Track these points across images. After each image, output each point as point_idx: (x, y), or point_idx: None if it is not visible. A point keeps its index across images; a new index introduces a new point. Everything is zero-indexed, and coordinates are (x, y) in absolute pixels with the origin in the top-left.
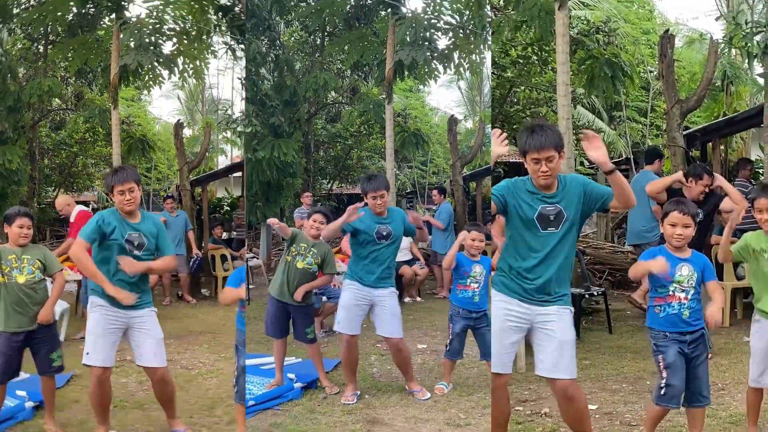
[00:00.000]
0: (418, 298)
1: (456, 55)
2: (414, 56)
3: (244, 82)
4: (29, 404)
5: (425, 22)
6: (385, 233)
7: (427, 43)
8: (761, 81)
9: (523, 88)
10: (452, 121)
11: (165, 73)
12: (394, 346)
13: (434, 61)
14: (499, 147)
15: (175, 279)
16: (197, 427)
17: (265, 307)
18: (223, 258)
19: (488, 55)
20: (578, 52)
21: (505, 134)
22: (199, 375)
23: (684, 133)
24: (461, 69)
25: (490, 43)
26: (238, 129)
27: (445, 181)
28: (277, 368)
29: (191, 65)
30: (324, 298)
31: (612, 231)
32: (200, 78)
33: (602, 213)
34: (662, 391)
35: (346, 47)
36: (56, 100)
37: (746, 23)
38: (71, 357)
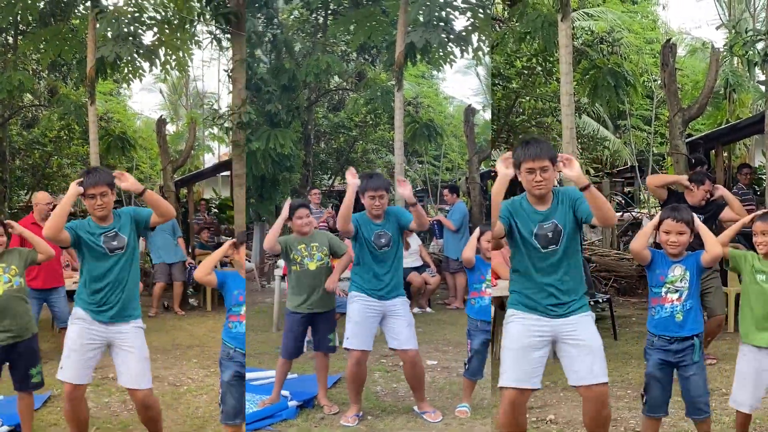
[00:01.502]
0: (429, 309)
1: (475, 38)
2: (427, 38)
3: (230, 74)
4: (3, 429)
5: (441, 0)
6: (384, 241)
7: (442, 23)
8: (763, 88)
9: (528, 98)
10: (469, 112)
11: (146, 65)
12: (410, 360)
13: (450, 44)
14: (506, 169)
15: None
16: None
17: (270, 323)
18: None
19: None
20: (582, 63)
21: (511, 158)
22: (188, 392)
23: (687, 140)
24: (480, 53)
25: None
26: (226, 124)
27: (460, 179)
28: (277, 386)
29: (174, 56)
30: None
31: (618, 238)
32: (184, 70)
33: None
34: (643, 400)
35: (351, 27)
36: (28, 95)
37: (746, 31)
38: (48, 376)
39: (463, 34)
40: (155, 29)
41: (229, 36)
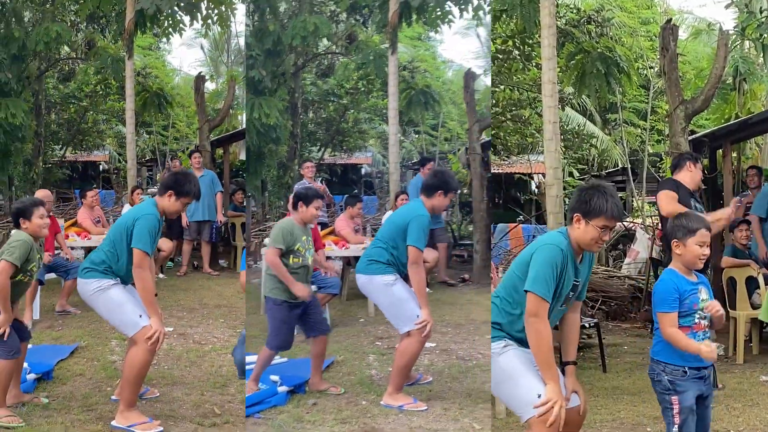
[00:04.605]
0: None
1: None
2: None
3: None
4: (32, 376)
5: None
6: None
7: None
8: None
9: (503, 87)
10: (469, 77)
11: (186, 19)
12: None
13: (448, 2)
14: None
15: (195, 248)
16: (208, 405)
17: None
18: (244, 227)
19: None
20: (567, 46)
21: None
22: (213, 350)
23: (690, 138)
24: (481, 12)
25: None
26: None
27: (459, 149)
28: (258, 376)
29: (216, 11)
30: (314, 288)
31: (606, 252)
32: (226, 26)
33: None
34: None
35: None
36: (65, 48)
37: (761, 11)
38: (77, 328)
39: None
40: None
41: None
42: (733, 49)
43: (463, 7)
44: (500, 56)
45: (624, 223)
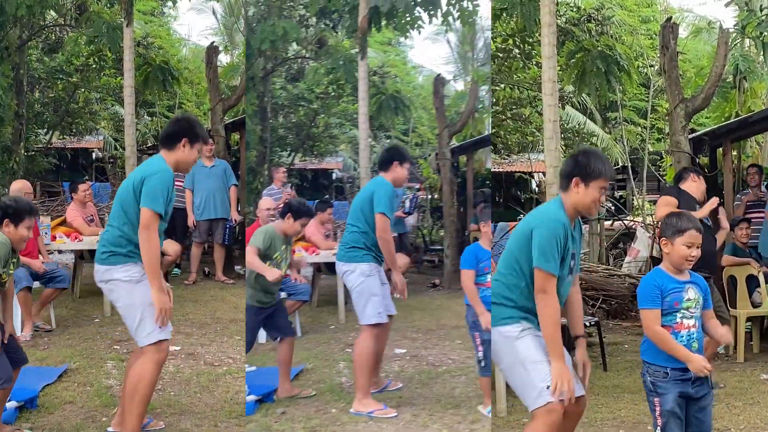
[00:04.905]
0: (396, 295)
1: (444, 1)
2: (393, 1)
3: None
4: (12, 404)
5: None
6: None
7: None
8: None
9: (503, 86)
10: (439, 82)
11: None
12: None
13: (417, 8)
14: None
15: (207, 252)
16: None
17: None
18: None
19: (484, 2)
20: (567, 44)
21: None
22: (227, 373)
23: (690, 136)
24: (450, 18)
25: None
26: None
27: (430, 154)
28: None
29: None
30: (283, 294)
31: (607, 251)
32: None
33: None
34: None
35: None
36: (51, 12)
37: (761, 9)
38: (66, 347)
39: None
40: None
41: None
42: (734, 47)
43: (432, 12)
44: (500, 55)
45: (625, 221)
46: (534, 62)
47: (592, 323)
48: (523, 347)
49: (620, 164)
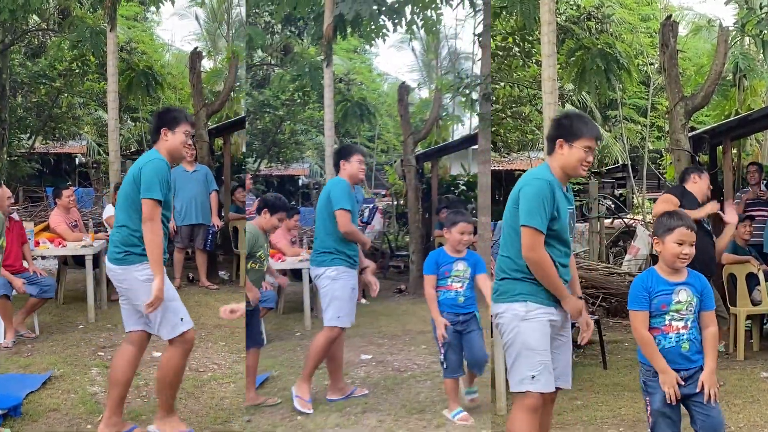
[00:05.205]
0: (363, 300)
1: (408, 10)
2: (358, 9)
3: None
4: None
5: None
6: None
7: None
8: None
9: (503, 84)
10: (403, 90)
11: None
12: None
13: (382, 17)
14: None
15: (190, 258)
16: None
17: None
18: None
19: (448, 11)
20: (567, 42)
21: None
22: (212, 379)
23: (690, 134)
24: (414, 27)
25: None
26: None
27: (395, 161)
28: None
29: None
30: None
31: (607, 249)
32: None
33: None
34: None
35: None
36: (34, 17)
37: (761, 7)
38: (50, 354)
39: (396, 6)
40: None
41: None
42: (733, 45)
43: (396, 21)
44: (500, 53)
45: (625, 219)
46: (534, 60)
47: (593, 321)
48: (526, 330)
49: (620, 162)
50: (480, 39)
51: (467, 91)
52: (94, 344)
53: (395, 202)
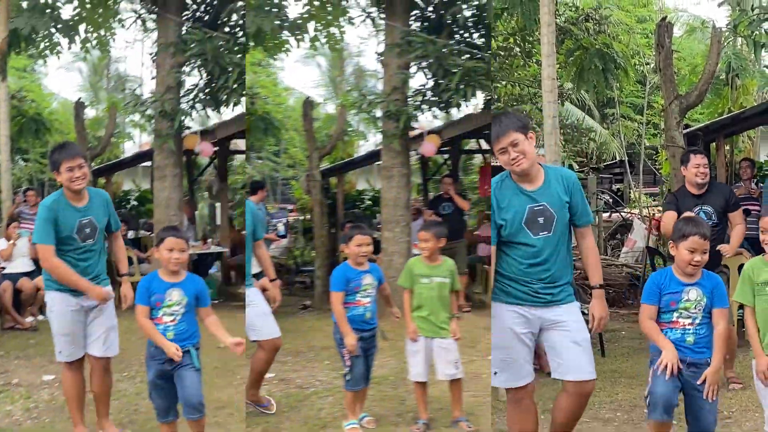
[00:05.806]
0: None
1: (311, 27)
2: (33, 24)
3: (154, 58)
4: None
5: None
6: None
7: (275, 9)
8: None
9: (504, 83)
10: (308, 105)
11: (64, 41)
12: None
13: (284, 32)
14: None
15: None
16: None
17: None
18: (129, 261)
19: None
20: (566, 43)
21: None
22: (314, 394)
23: (684, 131)
24: (317, 43)
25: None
26: (148, 111)
27: (302, 176)
28: None
29: (95, 34)
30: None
31: (605, 242)
32: (105, 50)
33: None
34: (647, 401)
35: None
36: None
37: (752, 9)
38: None
39: (299, 22)
40: (75, 2)
41: (154, 17)
42: (726, 45)
43: (299, 37)
44: (501, 53)
45: (622, 213)
46: (534, 60)
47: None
48: (493, 329)
49: (618, 158)
50: (382, 58)
51: (370, 109)
52: None
53: (301, 217)
